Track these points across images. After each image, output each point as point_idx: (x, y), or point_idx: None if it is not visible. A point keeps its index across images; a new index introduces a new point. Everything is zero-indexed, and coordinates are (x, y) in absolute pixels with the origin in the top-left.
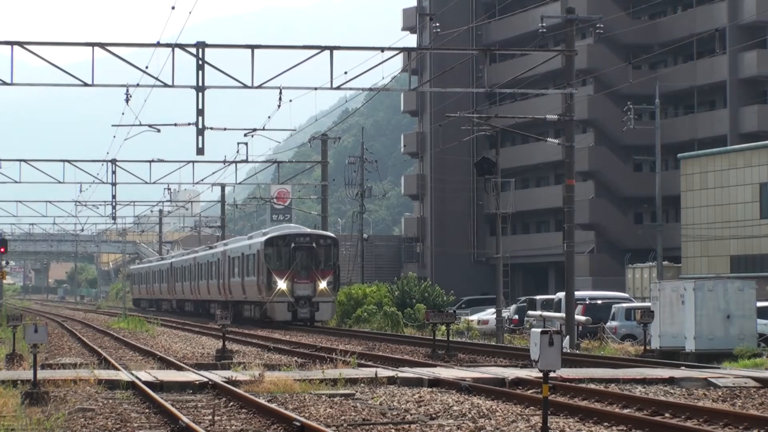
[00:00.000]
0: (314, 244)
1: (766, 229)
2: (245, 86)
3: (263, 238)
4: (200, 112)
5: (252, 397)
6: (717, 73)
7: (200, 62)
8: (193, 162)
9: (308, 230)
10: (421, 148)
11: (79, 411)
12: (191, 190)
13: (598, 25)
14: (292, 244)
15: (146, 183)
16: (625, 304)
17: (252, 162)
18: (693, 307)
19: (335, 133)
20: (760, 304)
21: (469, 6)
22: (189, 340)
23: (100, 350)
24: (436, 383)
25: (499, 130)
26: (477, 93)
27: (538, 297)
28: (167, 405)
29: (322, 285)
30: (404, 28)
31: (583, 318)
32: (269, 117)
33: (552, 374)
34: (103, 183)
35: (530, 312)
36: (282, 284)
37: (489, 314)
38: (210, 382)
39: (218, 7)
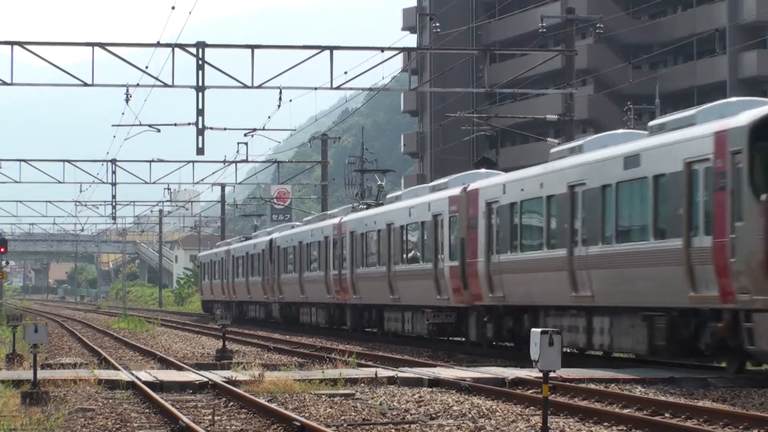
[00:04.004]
0: None
1: None
2: (245, 86)
3: (738, 121)
4: (200, 112)
5: (252, 397)
6: (717, 73)
7: (200, 62)
8: (193, 162)
9: None
10: (421, 148)
11: (79, 411)
12: (191, 190)
13: (598, 25)
14: None
15: (146, 183)
16: None
17: (252, 162)
18: None
19: (335, 133)
20: None
21: (469, 6)
22: (189, 340)
23: (100, 350)
24: (436, 383)
25: (499, 130)
26: (477, 93)
27: None
28: (167, 405)
29: None
30: (404, 28)
31: None
32: (269, 117)
33: (552, 374)
34: (103, 183)
35: None
36: None
37: None
38: (210, 382)
39: (218, 7)
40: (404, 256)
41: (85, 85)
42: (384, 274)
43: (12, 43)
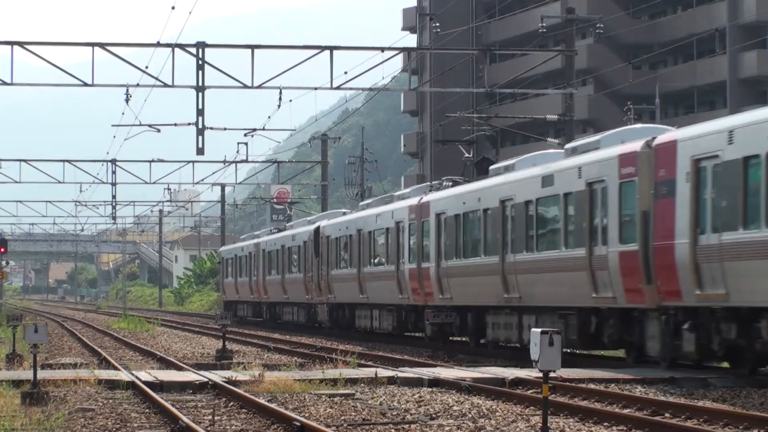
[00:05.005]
0: None
1: None
2: (245, 86)
3: None
4: (200, 112)
5: (252, 397)
6: (717, 73)
7: (200, 62)
8: (193, 162)
9: None
10: (421, 148)
11: (79, 411)
12: (191, 190)
13: (598, 25)
14: None
15: (146, 183)
16: None
17: (252, 162)
18: None
19: (335, 133)
20: None
21: (469, 6)
22: (189, 340)
23: (100, 350)
24: (436, 383)
25: (499, 130)
26: (477, 93)
27: None
28: (167, 405)
29: None
30: (404, 28)
31: None
32: (269, 117)
33: (552, 374)
34: (103, 183)
35: None
36: None
37: None
38: (210, 382)
39: (218, 7)
40: (530, 241)
41: (85, 85)
42: (494, 266)
43: (12, 43)
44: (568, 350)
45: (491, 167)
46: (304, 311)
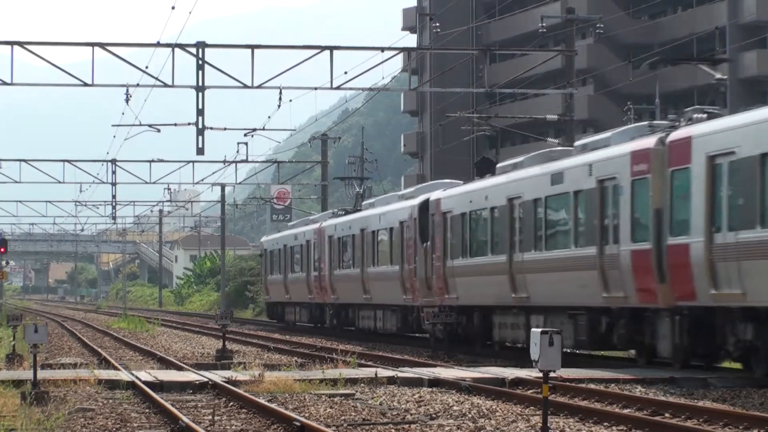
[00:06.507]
0: None
1: None
2: (245, 86)
3: None
4: (200, 112)
5: (252, 397)
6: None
7: (200, 62)
8: (193, 162)
9: None
10: (421, 148)
11: (79, 411)
12: (191, 190)
13: (598, 25)
14: None
15: (146, 183)
16: None
17: (252, 162)
18: None
19: (335, 133)
20: None
21: (469, 6)
22: (189, 340)
23: (100, 350)
24: (436, 383)
25: (499, 130)
26: (477, 93)
27: None
28: (167, 405)
29: None
30: (404, 28)
31: None
32: (269, 117)
33: (552, 374)
34: (103, 183)
35: None
36: None
37: None
38: (210, 382)
39: (218, 7)
40: None
41: (85, 85)
42: None
43: (12, 43)
44: None
45: None
46: (396, 316)
